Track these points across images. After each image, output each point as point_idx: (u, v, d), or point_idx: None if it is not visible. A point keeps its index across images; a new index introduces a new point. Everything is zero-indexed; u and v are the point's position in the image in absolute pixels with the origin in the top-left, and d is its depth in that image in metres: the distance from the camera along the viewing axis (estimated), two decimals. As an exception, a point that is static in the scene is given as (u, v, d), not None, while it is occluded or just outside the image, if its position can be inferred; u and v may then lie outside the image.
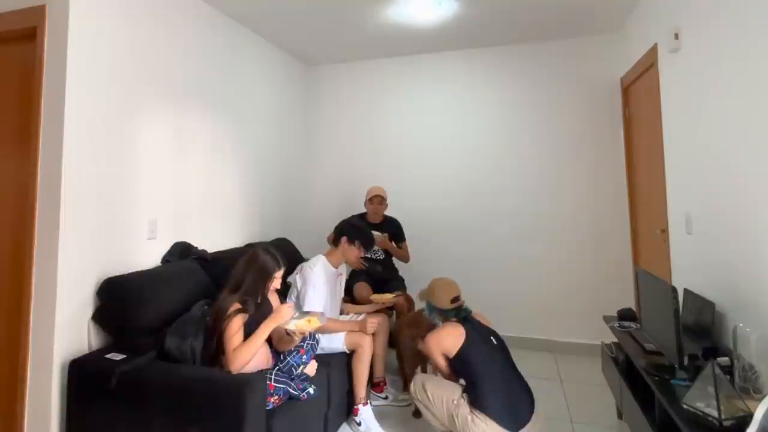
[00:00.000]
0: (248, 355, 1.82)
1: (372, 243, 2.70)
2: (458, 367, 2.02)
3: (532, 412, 1.93)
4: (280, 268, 2.06)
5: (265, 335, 1.89)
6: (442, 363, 2.05)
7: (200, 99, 2.81)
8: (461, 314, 2.13)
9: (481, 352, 1.99)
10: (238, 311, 1.88)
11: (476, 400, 1.90)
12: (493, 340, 2.07)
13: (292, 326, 1.95)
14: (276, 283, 2.07)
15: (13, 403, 1.94)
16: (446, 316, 2.14)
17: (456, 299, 2.15)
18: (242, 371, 1.83)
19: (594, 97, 3.53)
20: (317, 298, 2.42)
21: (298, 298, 2.50)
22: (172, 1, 2.59)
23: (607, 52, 3.51)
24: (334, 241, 2.66)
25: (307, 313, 2.21)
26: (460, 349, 1.99)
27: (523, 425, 1.87)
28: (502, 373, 1.97)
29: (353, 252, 2.61)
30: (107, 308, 2.04)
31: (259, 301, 2.00)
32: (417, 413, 2.43)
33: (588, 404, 2.66)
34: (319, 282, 2.45)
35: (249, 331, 1.88)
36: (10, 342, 2.00)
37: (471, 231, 3.76)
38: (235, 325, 1.85)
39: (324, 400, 2.18)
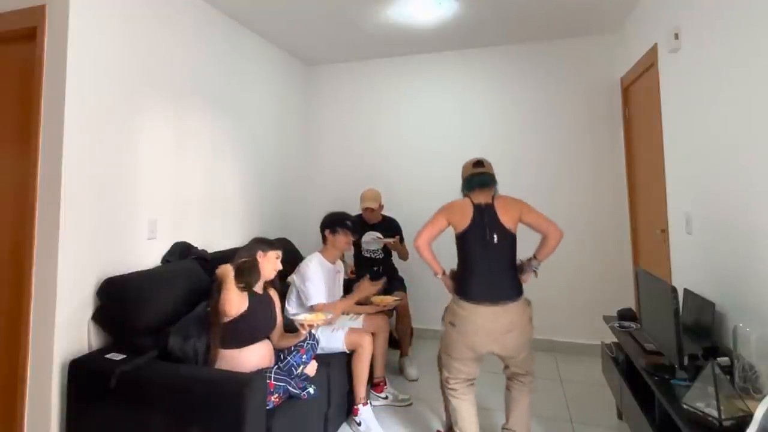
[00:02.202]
0: (233, 296, 1.86)
1: (355, 225, 2.72)
2: (457, 243, 2.11)
3: (509, 300, 1.97)
4: (275, 249, 2.11)
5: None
6: (438, 227, 2.08)
7: (200, 98, 2.81)
8: (484, 179, 2.10)
9: (477, 245, 2.02)
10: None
11: (458, 286, 2.05)
12: (495, 238, 2.01)
13: (301, 318, 2.09)
14: (274, 264, 2.11)
15: (13, 403, 1.94)
16: (468, 185, 2.13)
17: (479, 164, 2.15)
18: (241, 371, 1.84)
19: (594, 97, 3.53)
20: (318, 291, 2.46)
21: (298, 296, 2.53)
22: (173, 0, 2.59)
23: (607, 52, 3.51)
24: (323, 239, 2.70)
25: (312, 309, 2.35)
26: (462, 231, 2.05)
27: (493, 303, 1.94)
28: (489, 268, 2.00)
29: (341, 240, 2.64)
30: (107, 308, 2.04)
31: (255, 277, 2.02)
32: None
33: (588, 404, 2.66)
34: (317, 276, 2.49)
35: (250, 321, 1.91)
36: (10, 342, 1.99)
37: (471, 231, 3.76)
38: (231, 287, 1.87)
39: (324, 400, 2.18)
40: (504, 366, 2.14)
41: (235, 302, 1.87)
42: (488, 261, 2.01)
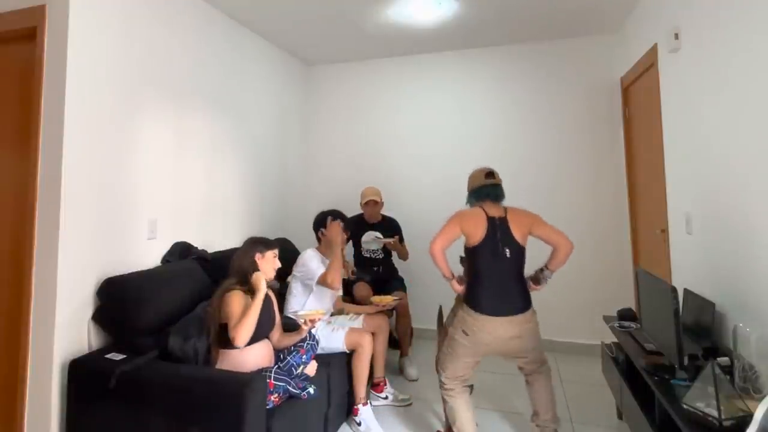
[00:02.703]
0: (250, 325, 1.84)
1: (345, 219, 2.75)
2: (468, 254, 2.11)
3: (518, 312, 2.00)
4: (271, 248, 2.10)
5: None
6: (453, 235, 2.07)
7: (200, 98, 2.81)
8: (497, 192, 2.12)
9: (489, 258, 2.03)
10: (233, 287, 1.94)
11: (469, 296, 2.06)
12: (507, 252, 2.03)
13: (302, 313, 2.09)
14: (272, 263, 2.09)
15: (13, 403, 1.94)
16: (478, 195, 2.14)
17: (490, 175, 2.15)
18: (241, 371, 1.84)
19: (594, 97, 3.53)
20: (319, 266, 2.50)
21: (302, 287, 2.56)
22: (173, 0, 2.59)
23: (607, 52, 3.51)
24: (318, 239, 2.77)
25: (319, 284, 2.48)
26: (475, 245, 2.05)
27: (503, 315, 1.98)
28: (500, 281, 2.03)
29: (331, 234, 2.65)
30: (107, 308, 2.04)
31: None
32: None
33: (588, 404, 2.66)
34: (313, 259, 2.55)
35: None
36: (10, 342, 2.00)
37: (471, 231, 3.76)
38: (235, 302, 1.89)
39: (324, 400, 2.18)
40: (518, 366, 2.19)
41: (247, 332, 1.84)
42: (499, 274, 2.04)
